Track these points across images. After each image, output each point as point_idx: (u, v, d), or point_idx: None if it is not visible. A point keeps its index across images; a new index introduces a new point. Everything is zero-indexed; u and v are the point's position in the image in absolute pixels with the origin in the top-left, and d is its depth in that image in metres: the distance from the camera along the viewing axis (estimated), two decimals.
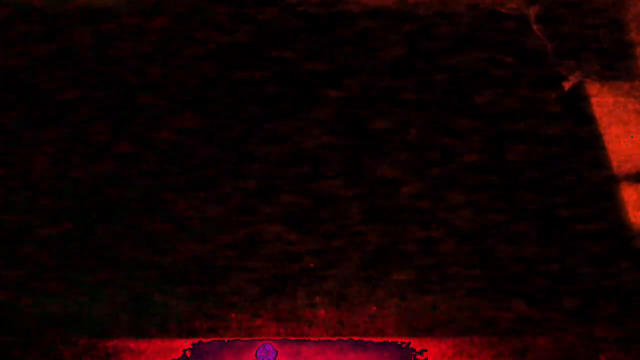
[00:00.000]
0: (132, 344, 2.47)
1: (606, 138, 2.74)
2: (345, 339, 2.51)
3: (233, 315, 2.52)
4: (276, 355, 2.47)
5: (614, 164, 2.71)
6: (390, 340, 2.50)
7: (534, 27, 2.88)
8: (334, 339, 2.51)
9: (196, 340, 2.48)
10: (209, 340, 2.48)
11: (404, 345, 2.49)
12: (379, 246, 2.62)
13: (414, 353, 2.49)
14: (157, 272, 2.58)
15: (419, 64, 2.85)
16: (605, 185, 2.69)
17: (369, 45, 2.87)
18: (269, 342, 2.49)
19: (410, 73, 2.84)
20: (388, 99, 2.81)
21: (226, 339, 2.49)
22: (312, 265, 2.61)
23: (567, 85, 2.81)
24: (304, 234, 2.64)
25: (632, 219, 2.64)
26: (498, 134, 2.77)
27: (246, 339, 2.50)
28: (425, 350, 2.50)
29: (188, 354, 2.46)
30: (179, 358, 2.46)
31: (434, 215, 2.67)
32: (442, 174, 2.72)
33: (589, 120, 2.76)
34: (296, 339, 2.50)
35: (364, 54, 2.86)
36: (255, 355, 2.46)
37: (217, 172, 2.73)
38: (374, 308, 2.55)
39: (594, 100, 2.78)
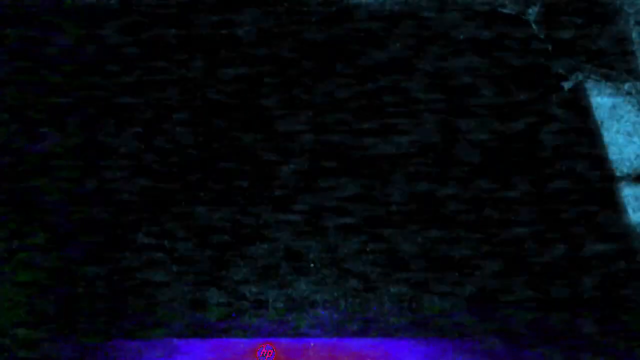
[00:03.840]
0: (132, 344, 2.47)
1: (606, 138, 2.75)
2: (345, 339, 2.51)
3: (233, 315, 2.53)
4: (276, 355, 2.47)
5: (614, 164, 2.71)
6: (390, 341, 2.50)
7: (534, 27, 2.89)
8: (334, 339, 2.51)
9: (196, 341, 2.48)
10: (209, 340, 2.49)
11: (404, 345, 2.50)
12: (379, 246, 2.63)
13: (414, 353, 2.49)
14: (157, 272, 2.58)
15: (419, 63, 2.86)
16: (605, 185, 2.69)
17: (367, 46, 2.88)
18: (268, 342, 2.49)
19: (410, 72, 2.85)
20: (388, 97, 2.82)
21: (226, 339, 2.49)
22: (312, 264, 2.61)
23: (567, 85, 2.81)
24: (304, 233, 2.65)
25: (632, 219, 2.65)
26: (497, 134, 2.77)
27: (246, 339, 2.50)
28: (425, 350, 2.50)
29: (188, 354, 2.46)
30: (179, 358, 2.46)
31: (433, 216, 2.67)
32: (439, 175, 2.72)
33: (589, 120, 2.77)
34: (296, 339, 2.51)
35: (362, 54, 2.87)
36: (256, 355, 2.46)
37: (211, 171, 2.74)
38: (374, 308, 2.55)
39: (594, 100, 2.79)
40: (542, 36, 2.88)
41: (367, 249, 2.63)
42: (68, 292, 2.55)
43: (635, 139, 2.74)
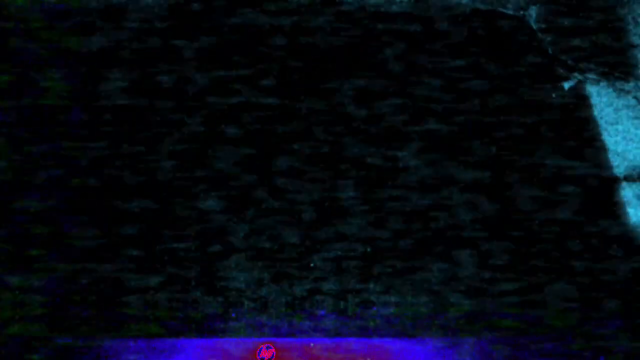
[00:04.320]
0: (132, 344, 2.46)
1: (606, 138, 2.75)
2: (345, 339, 2.50)
3: (233, 315, 2.52)
4: (276, 355, 2.47)
5: (614, 164, 2.71)
6: (390, 341, 2.50)
7: (534, 27, 2.89)
8: (335, 339, 2.50)
9: (197, 341, 2.48)
10: (209, 340, 2.48)
11: (404, 346, 2.49)
12: (379, 246, 2.62)
13: (414, 353, 2.49)
14: (157, 272, 2.58)
15: (418, 63, 2.86)
16: (605, 185, 2.69)
17: (369, 46, 2.88)
18: (268, 342, 2.48)
19: (409, 72, 2.85)
20: (386, 95, 2.82)
21: (226, 339, 2.49)
22: (311, 265, 2.61)
23: (567, 85, 2.82)
24: (304, 233, 2.64)
25: (632, 219, 2.64)
26: (497, 134, 2.77)
27: (246, 338, 2.49)
28: (425, 351, 2.50)
29: (188, 354, 2.46)
30: (179, 358, 2.45)
31: (433, 216, 2.67)
32: (438, 176, 2.72)
33: (589, 120, 2.77)
34: (296, 339, 2.50)
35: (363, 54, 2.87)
36: (256, 355, 2.46)
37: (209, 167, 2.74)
38: (374, 308, 2.55)
39: (594, 100, 2.79)
40: (542, 36, 2.88)
41: (368, 249, 2.63)
42: (65, 291, 2.55)
43: (635, 138, 2.75)
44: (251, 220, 2.66)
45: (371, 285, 2.58)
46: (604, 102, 2.79)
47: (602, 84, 2.80)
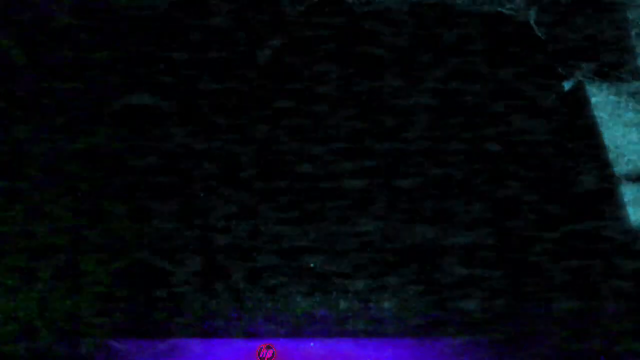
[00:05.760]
0: (132, 344, 2.47)
1: (606, 138, 2.75)
2: (345, 339, 2.51)
3: (233, 315, 2.53)
4: (276, 355, 2.47)
5: (614, 163, 2.71)
6: (390, 341, 2.50)
7: (534, 27, 2.89)
8: (335, 339, 2.51)
9: (197, 341, 2.48)
10: (210, 340, 2.49)
11: (404, 346, 2.50)
12: (379, 247, 2.63)
13: (413, 353, 2.49)
14: (157, 272, 2.58)
15: (420, 62, 2.86)
16: (605, 185, 2.69)
17: (370, 45, 2.89)
18: (269, 342, 2.49)
19: (411, 72, 2.85)
20: (389, 95, 2.82)
21: (226, 339, 2.49)
22: (311, 265, 2.61)
23: (567, 85, 2.82)
24: (304, 233, 2.65)
25: (632, 219, 2.65)
26: (498, 134, 2.77)
27: (246, 339, 2.50)
28: (425, 351, 2.50)
29: (189, 354, 2.46)
30: (180, 358, 2.46)
31: (432, 217, 2.67)
32: (440, 175, 2.72)
33: (589, 120, 2.77)
34: (296, 339, 2.51)
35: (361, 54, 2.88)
36: (256, 355, 2.46)
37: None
38: (374, 308, 2.55)
39: (594, 100, 2.79)
40: (542, 36, 2.88)
41: (368, 249, 2.63)
42: (69, 292, 2.56)
43: (635, 138, 2.75)
44: (251, 221, 2.67)
45: (372, 286, 2.58)
46: (603, 101, 2.79)
47: (602, 84, 2.81)
